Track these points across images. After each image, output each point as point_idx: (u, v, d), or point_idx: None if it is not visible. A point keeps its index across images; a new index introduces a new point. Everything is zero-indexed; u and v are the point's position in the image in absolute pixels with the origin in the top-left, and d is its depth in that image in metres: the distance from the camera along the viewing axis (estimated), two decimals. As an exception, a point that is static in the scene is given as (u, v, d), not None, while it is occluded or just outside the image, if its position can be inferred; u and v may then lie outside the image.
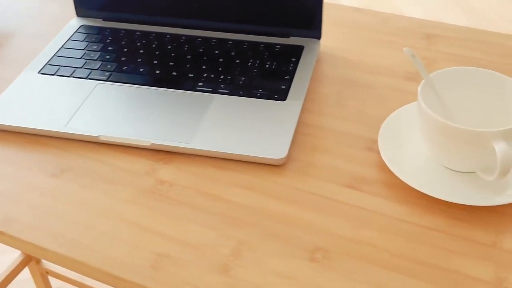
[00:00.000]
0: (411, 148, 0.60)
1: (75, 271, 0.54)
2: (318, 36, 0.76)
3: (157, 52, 0.75)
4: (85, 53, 0.76)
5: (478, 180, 0.56)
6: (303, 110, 0.68)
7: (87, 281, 1.30)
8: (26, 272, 1.43)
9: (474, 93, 0.59)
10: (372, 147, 0.62)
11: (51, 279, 1.36)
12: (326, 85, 0.71)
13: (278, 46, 0.75)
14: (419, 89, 0.56)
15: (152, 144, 0.62)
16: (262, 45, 0.76)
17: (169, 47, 0.76)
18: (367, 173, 0.60)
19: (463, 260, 0.51)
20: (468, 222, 0.54)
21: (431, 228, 0.54)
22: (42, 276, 1.34)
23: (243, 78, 0.70)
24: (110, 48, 0.77)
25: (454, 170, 0.58)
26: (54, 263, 0.55)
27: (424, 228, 0.54)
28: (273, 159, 0.60)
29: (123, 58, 0.75)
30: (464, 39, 0.77)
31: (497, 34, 0.78)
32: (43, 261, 1.31)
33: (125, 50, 0.76)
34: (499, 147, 0.51)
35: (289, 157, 0.62)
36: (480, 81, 0.58)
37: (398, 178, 0.57)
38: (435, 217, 0.55)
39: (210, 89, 0.69)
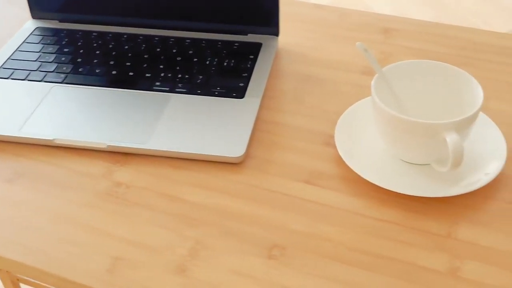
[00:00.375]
0: (368, 142, 0.60)
1: (30, 278, 0.53)
2: (276, 33, 0.76)
3: (113, 53, 0.75)
4: (40, 55, 0.75)
5: (433, 172, 0.57)
6: (262, 107, 0.68)
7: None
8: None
9: (427, 86, 0.60)
10: (330, 142, 0.62)
11: (23, 286, 1.34)
12: (285, 81, 0.71)
13: (236, 44, 0.75)
14: (372, 83, 0.56)
15: (109, 146, 0.62)
16: (220, 43, 0.75)
17: (126, 47, 0.75)
18: (324, 168, 0.60)
19: (418, 252, 0.51)
20: (423, 213, 0.55)
21: (387, 220, 0.54)
22: (13, 283, 1.32)
23: (201, 77, 0.70)
24: (66, 49, 0.75)
25: (410, 163, 0.58)
26: (10, 270, 0.54)
27: (380, 221, 0.54)
28: (231, 157, 0.60)
29: (79, 60, 0.74)
30: (420, 32, 0.78)
31: (452, 27, 0.78)
32: (11, 267, 1.29)
33: (81, 51, 0.75)
34: (451, 138, 0.51)
35: (247, 154, 0.62)
36: (433, 74, 0.59)
37: (355, 172, 0.57)
38: (391, 209, 0.55)
39: (168, 89, 0.68)
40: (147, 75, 0.71)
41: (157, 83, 0.69)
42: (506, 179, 0.57)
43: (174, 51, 0.74)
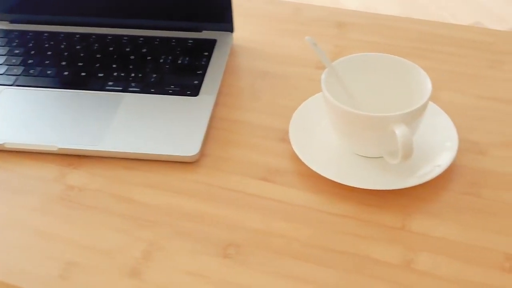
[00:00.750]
0: (322, 137, 0.60)
1: (-19, 287, 0.52)
2: (230, 29, 0.76)
3: (65, 53, 0.73)
4: (-11, 57, 0.73)
5: (387, 165, 0.57)
6: (217, 104, 0.67)
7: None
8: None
9: (378, 79, 0.60)
10: (285, 138, 0.62)
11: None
12: (240, 78, 0.71)
13: (191, 41, 0.74)
14: (322, 77, 0.56)
15: (60, 148, 0.60)
16: (174, 40, 0.74)
17: (78, 47, 0.74)
18: (280, 164, 0.60)
19: (372, 245, 0.52)
20: (377, 206, 0.55)
21: (342, 215, 0.54)
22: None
23: (154, 75, 0.69)
24: (16, 51, 0.74)
25: (364, 156, 0.58)
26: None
27: (335, 215, 0.54)
28: (185, 156, 0.59)
29: (30, 61, 0.72)
30: (375, 25, 0.78)
31: (406, 19, 0.79)
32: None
33: (33, 52, 0.73)
34: (400, 130, 0.51)
35: (202, 153, 0.61)
36: (383, 67, 0.59)
37: (310, 168, 0.57)
38: (346, 204, 0.55)
39: (120, 88, 0.67)
40: (99, 75, 0.69)
41: (110, 83, 0.68)
42: (458, 169, 0.58)
43: (128, 49, 0.73)
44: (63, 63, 0.72)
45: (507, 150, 0.60)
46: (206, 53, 0.72)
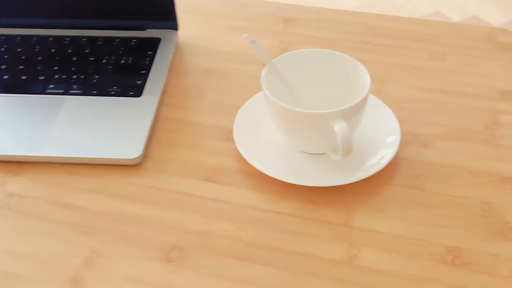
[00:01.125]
0: (266, 134, 0.60)
1: None
2: (175, 26, 0.75)
3: (6, 56, 0.71)
4: None
5: (331, 161, 0.57)
6: (162, 104, 0.66)
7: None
8: None
9: (320, 75, 0.60)
10: (230, 137, 0.62)
11: None
12: (185, 76, 0.70)
13: (134, 40, 0.73)
14: (262, 75, 0.56)
15: (-2, 156, 0.59)
16: (117, 40, 0.73)
17: (19, 49, 0.72)
18: (225, 164, 0.59)
19: (316, 242, 0.52)
20: (321, 203, 0.55)
21: (286, 213, 0.54)
22: None
23: (97, 77, 0.68)
24: (-47, 55, 0.71)
25: (308, 153, 0.58)
26: None
27: (279, 214, 0.54)
28: (127, 159, 0.58)
29: (-32, 65, 0.70)
30: (320, 20, 0.78)
31: (351, 13, 0.79)
32: None
33: (-29, 56, 0.71)
34: (339, 126, 0.51)
35: (145, 155, 0.60)
36: (324, 62, 0.59)
37: (254, 167, 0.57)
38: (290, 201, 0.55)
39: (62, 91, 0.66)
40: (40, 78, 0.68)
41: (51, 86, 0.66)
42: (402, 162, 0.58)
43: (70, 51, 0.72)
44: (3, 66, 0.70)
45: (450, 142, 0.60)
46: (150, 52, 0.71)
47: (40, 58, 0.71)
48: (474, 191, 0.55)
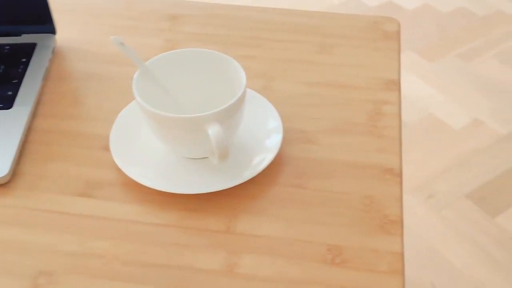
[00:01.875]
0: (145, 142, 0.57)
1: None
2: (52, 30, 0.70)
3: None
4: None
5: (214, 166, 0.55)
6: (35, 115, 0.62)
7: None
8: None
9: (198, 75, 0.57)
10: (108, 146, 0.58)
11: None
12: (64, 83, 0.66)
13: (7, 47, 0.68)
14: (134, 79, 0.53)
15: None
16: (-12, 48, 0.68)
17: None
18: (102, 176, 0.56)
19: (195, 253, 0.49)
20: (202, 211, 0.53)
21: (165, 224, 0.52)
22: None
23: (-37, 90, 0.63)
24: None
25: (190, 158, 0.56)
26: None
27: (158, 226, 0.52)
28: (-6, 178, 0.54)
29: None
30: (208, 16, 0.75)
31: (240, 8, 0.77)
32: None
33: None
34: (212, 130, 0.49)
35: (15, 172, 0.56)
36: (201, 62, 0.57)
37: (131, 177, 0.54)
38: (169, 212, 0.52)
39: None
40: None
41: None
42: (286, 161, 0.57)
43: None
44: None
45: (334, 137, 0.59)
46: (23, 60, 0.67)
47: None
48: (355, 186, 0.54)
